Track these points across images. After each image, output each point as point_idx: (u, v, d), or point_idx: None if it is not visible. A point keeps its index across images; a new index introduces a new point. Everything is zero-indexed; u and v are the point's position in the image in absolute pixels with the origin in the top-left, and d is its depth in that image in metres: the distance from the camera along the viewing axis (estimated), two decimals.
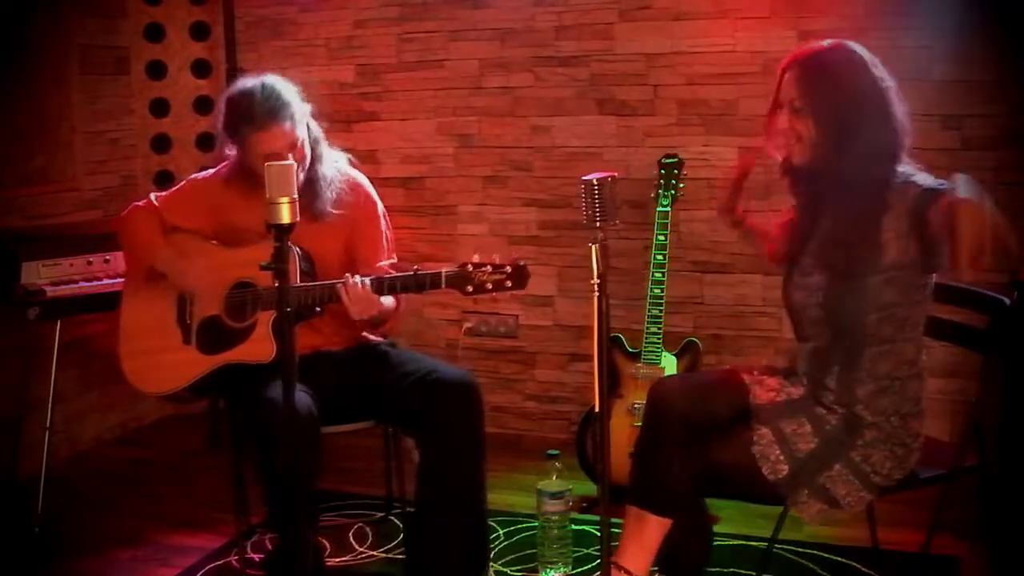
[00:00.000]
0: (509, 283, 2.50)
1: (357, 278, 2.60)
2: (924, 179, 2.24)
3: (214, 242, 2.88)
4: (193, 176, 3.03)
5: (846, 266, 2.28)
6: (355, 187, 2.95)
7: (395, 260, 2.98)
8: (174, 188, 3.01)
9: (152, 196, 2.95)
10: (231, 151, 2.88)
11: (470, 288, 2.52)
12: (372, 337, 3.00)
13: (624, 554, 2.38)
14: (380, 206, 3.00)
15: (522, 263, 2.52)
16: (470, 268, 2.51)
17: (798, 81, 2.30)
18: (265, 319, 2.71)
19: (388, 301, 2.75)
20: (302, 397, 2.51)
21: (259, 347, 2.70)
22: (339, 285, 2.61)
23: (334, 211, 2.85)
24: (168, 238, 2.87)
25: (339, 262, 2.84)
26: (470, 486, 2.76)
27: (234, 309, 2.77)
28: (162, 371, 2.80)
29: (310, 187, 2.82)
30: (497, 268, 2.51)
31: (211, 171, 2.98)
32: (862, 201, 2.25)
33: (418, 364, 2.83)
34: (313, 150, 2.84)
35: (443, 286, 2.55)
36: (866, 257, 2.25)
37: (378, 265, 2.87)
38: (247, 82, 2.79)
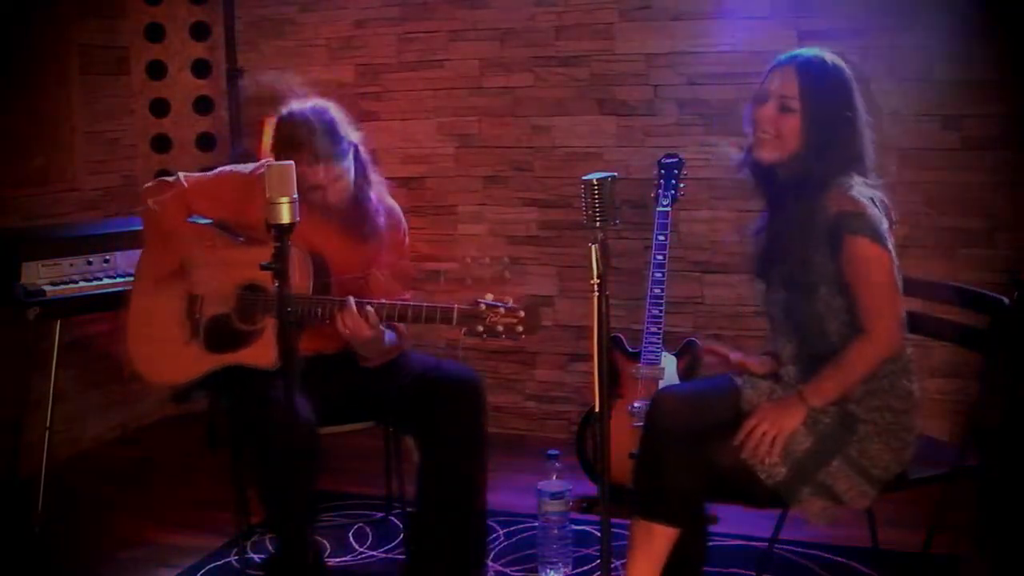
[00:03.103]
0: (521, 328, 2.45)
1: (354, 305, 2.58)
2: (845, 204, 2.28)
3: (239, 238, 2.87)
4: (230, 168, 2.95)
5: (794, 278, 2.36)
6: (391, 214, 2.94)
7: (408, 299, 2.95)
8: (208, 173, 2.93)
9: (181, 175, 2.88)
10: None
11: (480, 328, 2.47)
12: None
13: (633, 568, 2.38)
14: (407, 237, 2.99)
15: (535, 306, 2.47)
16: (483, 307, 2.47)
17: (799, 81, 2.33)
18: (272, 324, 2.68)
19: (390, 338, 2.76)
20: (300, 402, 2.50)
21: (264, 352, 2.68)
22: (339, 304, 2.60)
23: (373, 236, 2.84)
24: (190, 226, 2.83)
25: (357, 279, 2.82)
26: (471, 486, 2.75)
27: (244, 310, 2.76)
28: (167, 362, 2.79)
29: (359, 209, 2.80)
30: (510, 311, 2.45)
31: (249, 167, 2.90)
32: (804, 213, 2.33)
33: (420, 362, 2.83)
34: (363, 177, 2.82)
35: (454, 323, 2.51)
36: (807, 269, 2.33)
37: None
38: (302, 109, 2.73)
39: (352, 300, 2.59)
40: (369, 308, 2.59)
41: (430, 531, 2.75)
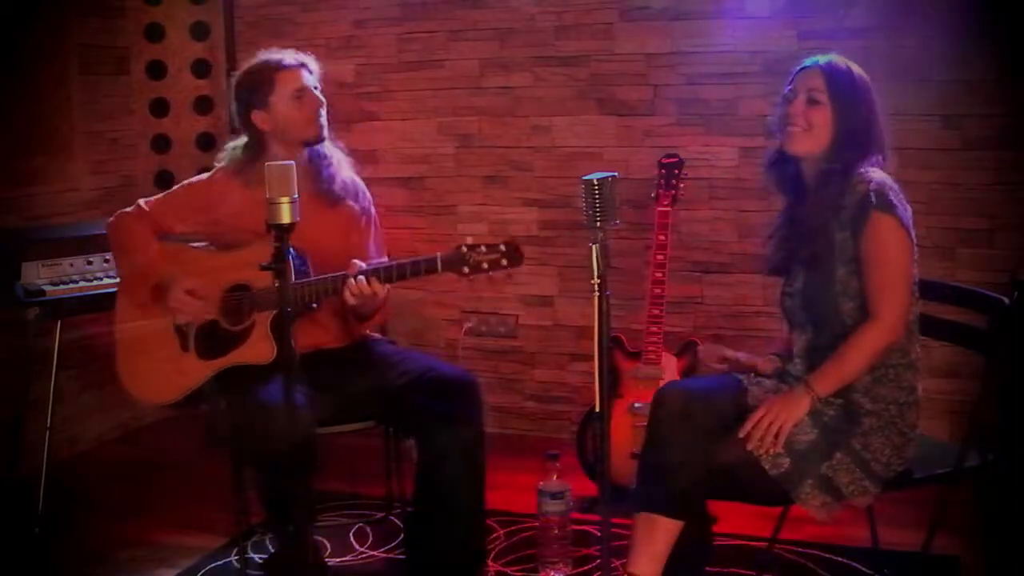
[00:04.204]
0: (505, 262, 2.48)
1: (361, 277, 2.59)
2: (873, 184, 2.33)
3: (207, 246, 2.87)
4: (187, 181, 3.01)
5: (815, 259, 2.40)
6: (357, 187, 2.96)
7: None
8: (166, 192, 2.99)
9: (141, 202, 2.93)
10: (236, 138, 2.89)
11: (466, 269, 2.49)
12: (371, 333, 3.00)
13: (635, 561, 2.38)
14: (373, 208, 3.01)
15: (516, 241, 2.50)
16: (464, 249, 2.49)
17: (825, 76, 2.42)
18: (262, 320, 2.70)
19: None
20: (298, 399, 2.50)
21: (258, 348, 2.69)
22: (341, 283, 2.59)
23: (339, 196, 2.85)
24: (161, 245, 2.85)
25: (335, 258, 2.81)
26: (470, 485, 2.75)
27: (231, 312, 2.76)
28: (162, 379, 2.79)
29: (316, 162, 2.83)
30: (491, 248, 2.48)
31: (204, 175, 2.98)
32: (832, 196, 2.38)
33: (417, 363, 2.83)
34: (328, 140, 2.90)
35: (439, 270, 2.52)
36: (827, 247, 2.37)
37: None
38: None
39: (358, 265, 2.59)
40: (373, 279, 2.59)
41: (429, 532, 2.75)
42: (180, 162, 4.33)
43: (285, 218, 2.05)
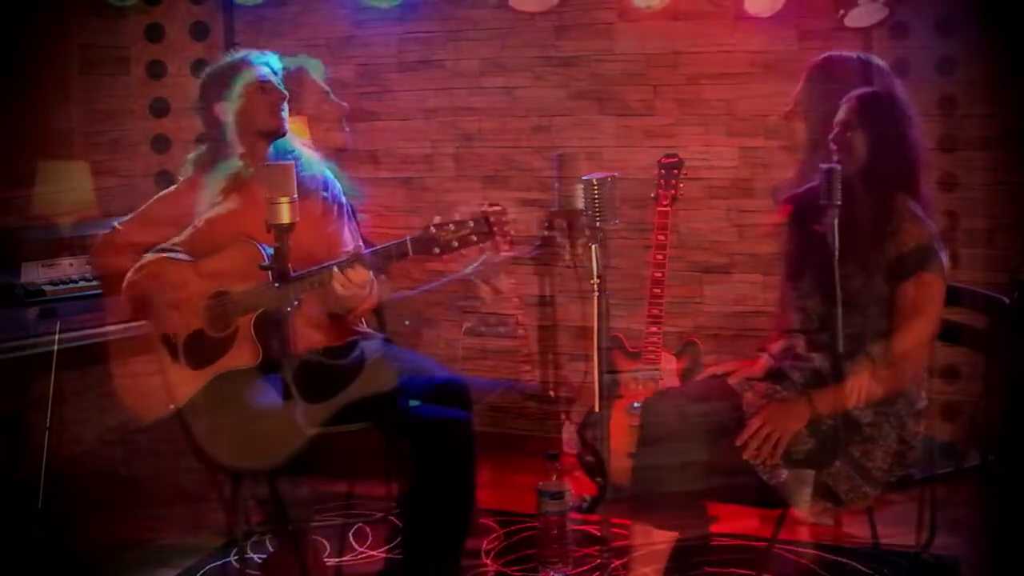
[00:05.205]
0: (474, 237, 2.45)
1: (336, 269, 2.56)
2: (924, 238, 2.28)
3: (184, 258, 2.86)
4: (155, 196, 3.01)
5: (845, 294, 2.32)
6: (326, 179, 2.96)
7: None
8: (138, 210, 2.98)
9: (116, 224, 2.93)
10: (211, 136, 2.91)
11: (437, 250, 2.46)
12: (366, 330, 3.00)
13: (636, 566, 2.37)
14: (339, 199, 3.01)
15: (486, 211, 2.45)
16: (433, 230, 2.46)
17: (803, 81, 2.41)
18: (245, 323, 2.68)
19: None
20: (297, 403, 2.49)
21: (244, 351, 2.68)
22: (328, 276, 2.56)
23: (308, 188, 2.84)
24: (141, 266, 2.83)
25: (311, 252, 2.77)
26: (461, 486, 2.73)
27: (215, 320, 2.75)
28: (159, 395, 2.79)
29: (281, 159, 2.81)
30: (460, 224, 2.45)
31: (171, 188, 2.98)
32: (861, 225, 2.30)
33: (409, 365, 2.82)
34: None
35: (410, 253, 2.49)
36: (865, 290, 2.33)
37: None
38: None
39: (338, 271, 2.56)
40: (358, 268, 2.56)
41: (421, 533, 2.73)
42: (180, 162, 4.31)
43: (284, 218, 2.05)
